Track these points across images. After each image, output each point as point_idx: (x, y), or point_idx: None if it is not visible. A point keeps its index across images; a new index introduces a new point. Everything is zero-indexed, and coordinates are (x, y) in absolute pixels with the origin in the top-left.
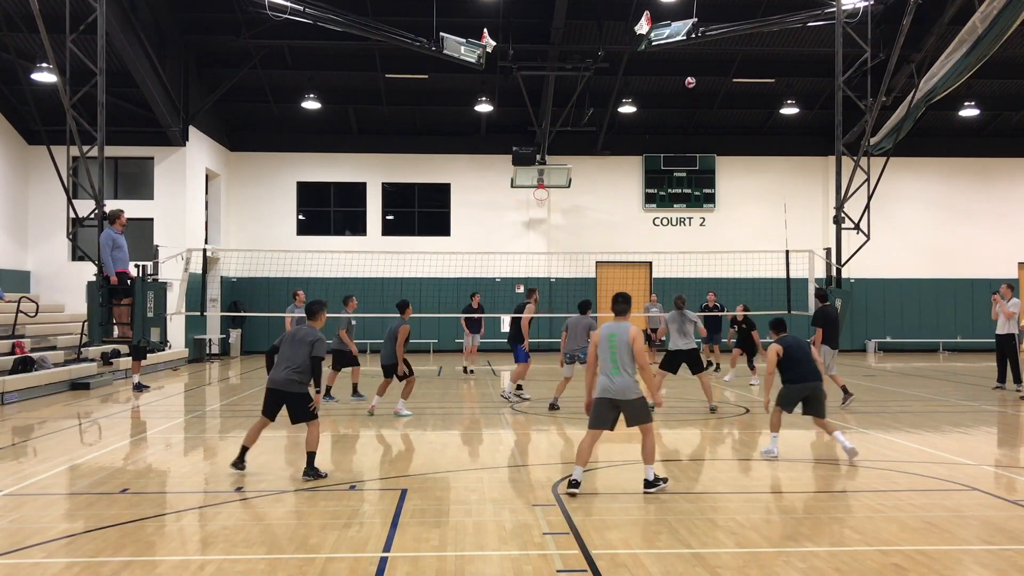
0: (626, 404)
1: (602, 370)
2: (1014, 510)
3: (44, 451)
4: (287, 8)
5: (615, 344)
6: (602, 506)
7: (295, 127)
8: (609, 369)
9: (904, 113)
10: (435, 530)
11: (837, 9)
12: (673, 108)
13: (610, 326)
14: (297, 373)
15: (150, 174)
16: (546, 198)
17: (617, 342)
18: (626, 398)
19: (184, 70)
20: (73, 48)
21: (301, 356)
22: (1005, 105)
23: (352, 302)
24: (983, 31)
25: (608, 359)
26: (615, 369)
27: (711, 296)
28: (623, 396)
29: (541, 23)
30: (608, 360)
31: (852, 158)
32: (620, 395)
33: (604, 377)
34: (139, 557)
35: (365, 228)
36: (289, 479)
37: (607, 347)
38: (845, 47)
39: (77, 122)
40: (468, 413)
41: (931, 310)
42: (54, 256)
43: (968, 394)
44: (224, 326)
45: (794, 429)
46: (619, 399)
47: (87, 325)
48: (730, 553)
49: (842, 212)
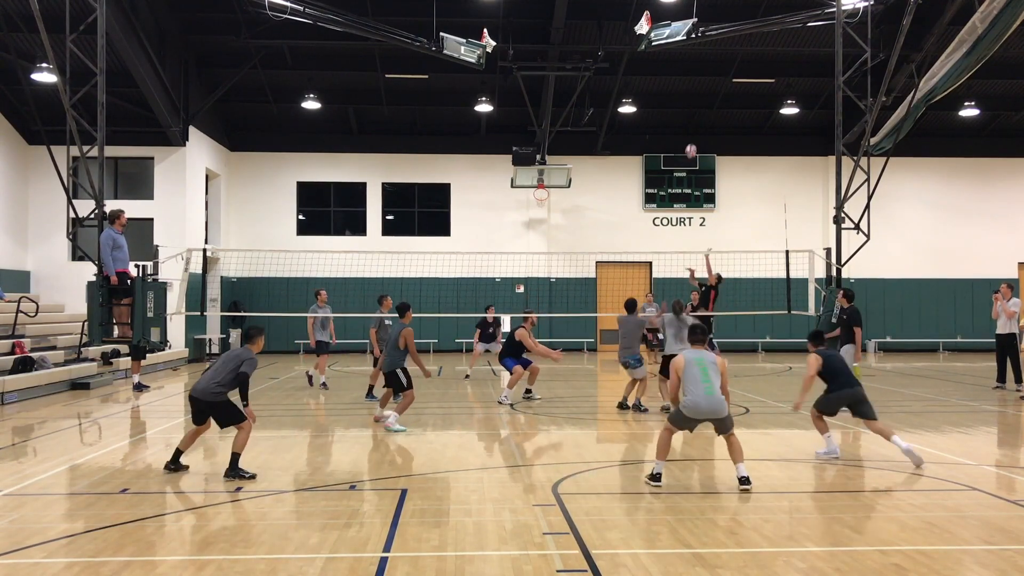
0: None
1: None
2: (1014, 510)
3: (44, 451)
4: (287, 8)
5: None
6: (602, 506)
7: (295, 127)
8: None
9: (904, 113)
10: (435, 530)
11: (837, 9)
12: (673, 108)
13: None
14: (218, 385)
15: (150, 174)
16: (546, 198)
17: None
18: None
19: (184, 70)
20: (73, 48)
21: (227, 371)
22: (1005, 105)
23: (387, 301)
24: (983, 31)
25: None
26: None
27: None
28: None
29: (541, 23)
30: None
31: (852, 158)
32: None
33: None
34: (139, 557)
35: (365, 228)
36: (289, 479)
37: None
38: (845, 47)
39: (77, 122)
40: (468, 413)
41: (931, 310)
42: (54, 256)
43: (968, 394)
44: (224, 326)
45: (794, 429)
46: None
47: (87, 325)
48: (730, 553)
49: (842, 212)
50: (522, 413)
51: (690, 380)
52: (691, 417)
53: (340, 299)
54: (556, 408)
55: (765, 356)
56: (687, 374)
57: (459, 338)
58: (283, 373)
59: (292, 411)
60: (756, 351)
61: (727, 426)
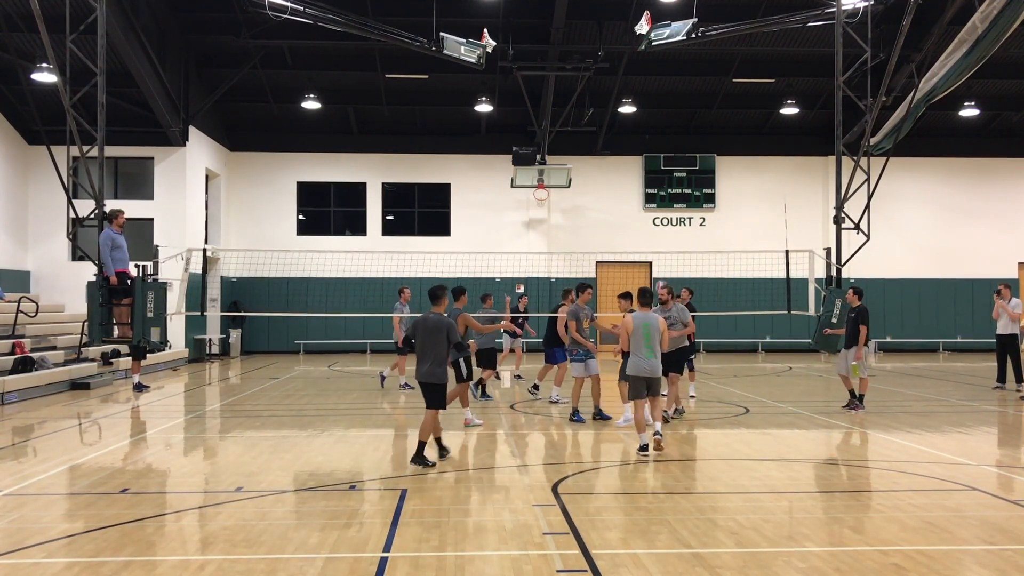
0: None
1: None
2: (1014, 510)
3: (44, 451)
4: (287, 8)
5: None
6: (602, 506)
7: (295, 127)
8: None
9: (904, 113)
10: (435, 530)
11: (837, 9)
12: (673, 108)
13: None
14: (440, 365)
15: (150, 174)
16: (546, 198)
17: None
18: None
19: (184, 70)
20: (73, 48)
21: (439, 346)
22: (1005, 105)
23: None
24: (983, 31)
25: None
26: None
27: (685, 292)
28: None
29: (541, 23)
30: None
31: (852, 158)
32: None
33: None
34: (139, 557)
35: (365, 228)
36: (289, 479)
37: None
38: (845, 47)
39: (77, 122)
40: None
41: (931, 310)
42: (54, 256)
43: (968, 394)
44: (224, 326)
45: (794, 429)
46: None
47: (87, 325)
48: (730, 553)
49: (842, 212)
50: (522, 413)
51: (636, 343)
52: (636, 375)
53: (340, 299)
54: (556, 408)
55: (765, 356)
56: (634, 337)
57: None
58: (283, 373)
59: (292, 411)
60: (756, 351)
61: (656, 389)
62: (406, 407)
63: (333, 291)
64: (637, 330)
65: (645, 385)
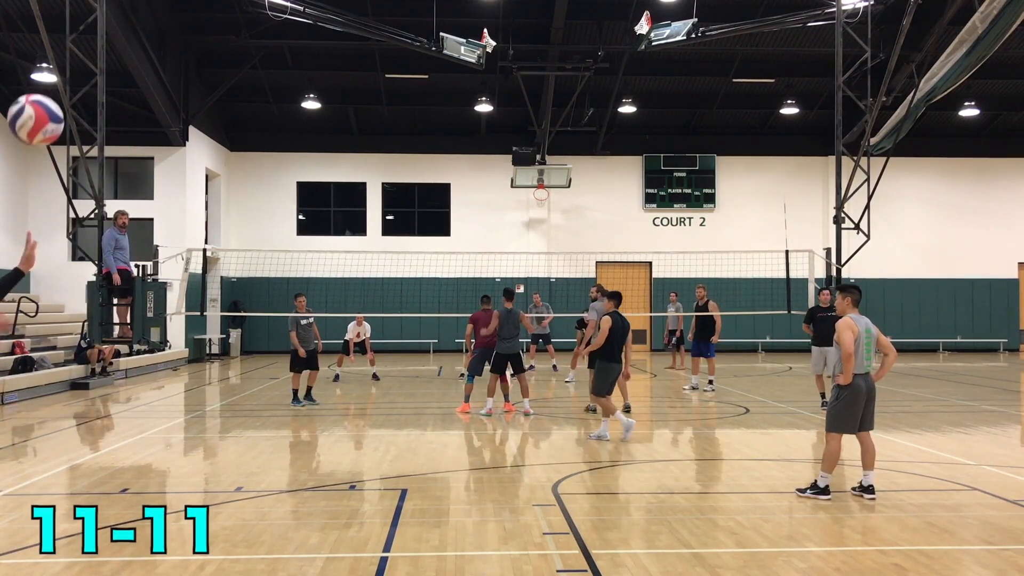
0: None
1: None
2: (1014, 510)
3: (44, 451)
4: (287, 8)
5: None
6: (602, 506)
7: (295, 127)
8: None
9: (904, 113)
10: (435, 530)
11: (837, 9)
12: (673, 108)
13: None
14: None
15: (150, 174)
16: (546, 198)
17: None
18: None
19: (184, 70)
20: (73, 48)
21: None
22: (1005, 105)
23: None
24: (983, 31)
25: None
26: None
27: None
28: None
29: (541, 23)
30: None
31: (852, 158)
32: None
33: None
34: (139, 557)
35: (365, 228)
36: (289, 479)
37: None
38: (845, 47)
39: (77, 122)
40: (468, 413)
41: (931, 310)
42: (54, 256)
43: (968, 394)
44: (224, 326)
45: (794, 429)
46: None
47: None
48: (730, 553)
49: (842, 212)
50: (522, 413)
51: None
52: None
53: (340, 299)
54: (556, 408)
55: (765, 356)
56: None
57: (459, 338)
58: (283, 373)
59: (292, 411)
60: (756, 351)
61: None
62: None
63: (333, 291)
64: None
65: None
